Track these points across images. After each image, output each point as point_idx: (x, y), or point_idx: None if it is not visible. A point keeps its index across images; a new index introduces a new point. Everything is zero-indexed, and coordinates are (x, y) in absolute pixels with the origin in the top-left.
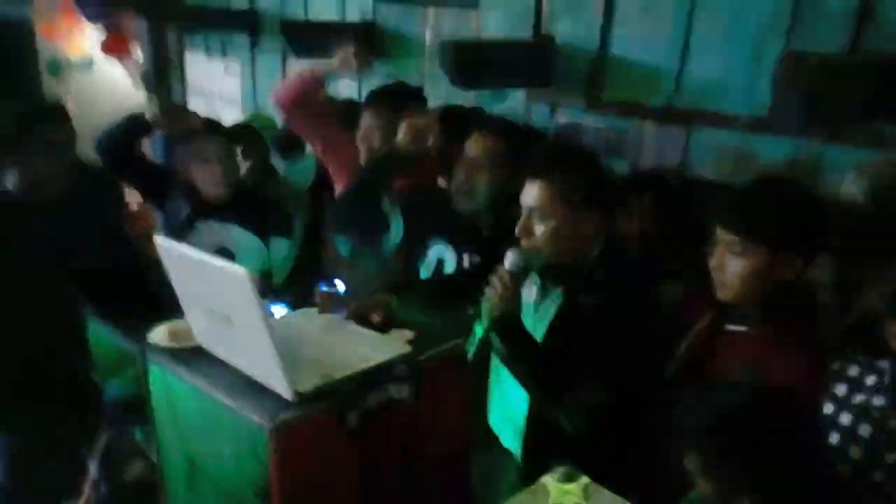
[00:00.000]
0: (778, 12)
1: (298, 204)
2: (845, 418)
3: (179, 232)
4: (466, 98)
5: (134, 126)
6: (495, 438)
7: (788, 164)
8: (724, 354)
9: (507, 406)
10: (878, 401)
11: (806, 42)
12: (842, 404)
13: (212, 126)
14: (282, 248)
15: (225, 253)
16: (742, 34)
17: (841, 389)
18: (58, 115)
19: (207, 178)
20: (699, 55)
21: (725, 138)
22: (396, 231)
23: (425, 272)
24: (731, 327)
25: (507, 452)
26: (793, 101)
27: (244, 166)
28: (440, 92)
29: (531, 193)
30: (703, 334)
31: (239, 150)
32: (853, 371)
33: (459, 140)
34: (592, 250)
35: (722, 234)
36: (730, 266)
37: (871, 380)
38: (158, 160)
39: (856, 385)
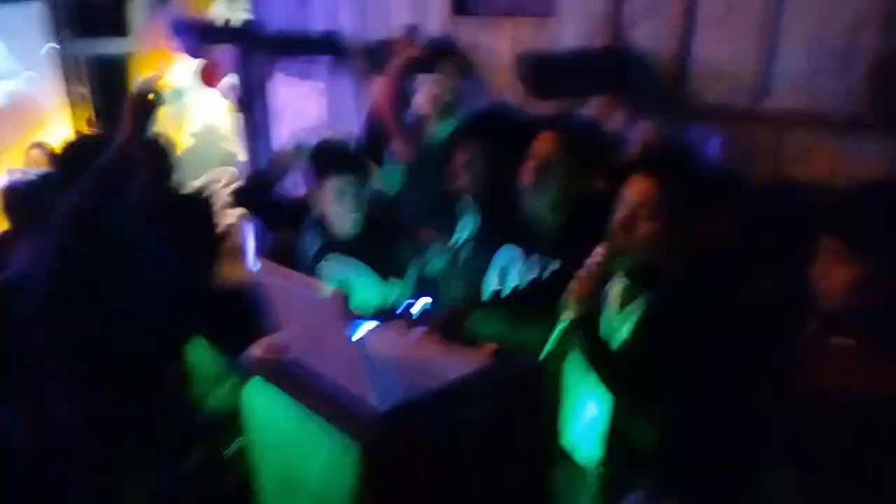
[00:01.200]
0: (871, 5)
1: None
2: None
3: (310, 265)
4: (547, 107)
5: (263, 179)
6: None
7: (889, 164)
8: (827, 368)
9: (588, 421)
10: None
11: None
12: None
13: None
14: (396, 288)
15: (345, 287)
16: (833, 29)
17: None
18: (158, 145)
19: (339, 216)
20: (787, 53)
21: (819, 139)
22: (468, 229)
23: (493, 280)
24: (837, 340)
25: (582, 469)
26: (888, 99)
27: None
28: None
29: (641, 190)
30: (805, 346)
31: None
32: None
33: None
34: (686, 257)
35: (827, 241)
36: (834, 275)
37: None
38: (294, 192)
39: None
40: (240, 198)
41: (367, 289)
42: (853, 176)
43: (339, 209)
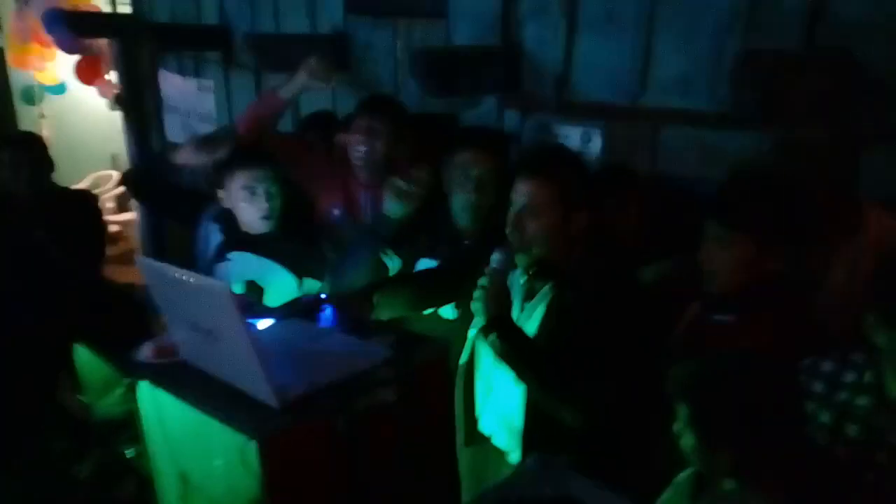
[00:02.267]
0: (734, 12)
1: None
2: (825, 417)
3: (209, 261)
4: (438, 106)
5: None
6: (486, 439)
7: (753, 157)
8: (711, 345)
9: (501, 405)
10: (861, 400)
11: (762, 40)
12: (821, 402)
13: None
14: (312, 289)
15: (254, 287)
16: (701, 33)
17: (818, 387)
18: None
19: (252, 212)
20: (661, 55)
21: (691, 135)
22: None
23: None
24: (717, 317)
25: (499, 452)
26: (750, 97)
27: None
28: (413, 101)
29: (526, 190)
30: (691, 325)
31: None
32: (827, 366)
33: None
34: (580, 248)
35: (709, 227)
36: (718, 258)
37: (850, 377)
38: (188, 182)
39: (834, 382)
40: (128, 181)
41: (282, 288)
42: (722, 168)
43: (247, 205)
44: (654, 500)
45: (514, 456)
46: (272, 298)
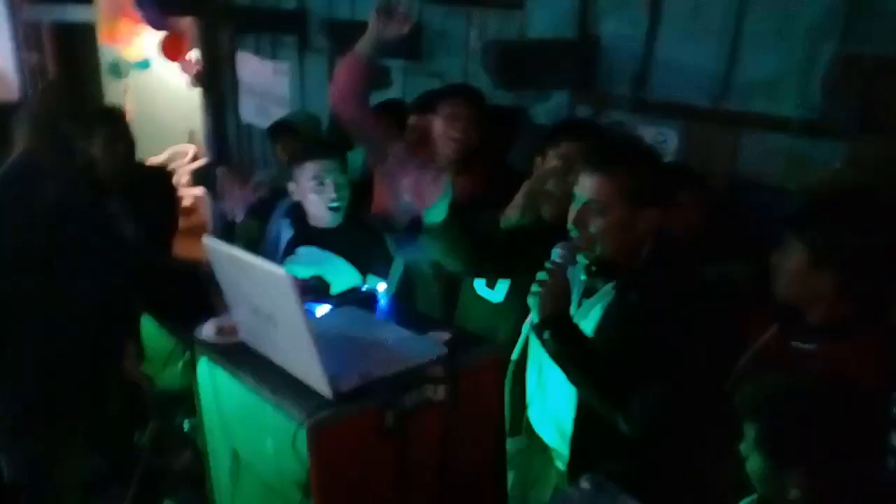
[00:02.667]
0: (832, 12)
1: None
2: None
3: (280, 254)
4: (508, 98)
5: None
6: (537, 437)
7: (840, 169)
8: (790, 370)
9: (552, 406)
10: None
11: (861, 44)
12: None
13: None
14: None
15: (320, 282)
16: (794, 35)
17: None
18: (115, 116)
19: (321, 203)
20: (749, 56)
21: (776, 141)
22: None
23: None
24: (799, 344)
25: (546, 451)
26: (847, 104)
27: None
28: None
29: (591, 185)
30: (767, 349)
31: None
32: None
33: (502, 141)
34: (645, 247)
35: (794, 246)
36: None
37: None
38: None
39: None
40: (200, 179)
41: (346, 284)
42: (805, 178)
43: (316, 196)
44: None
45: (562, 461)
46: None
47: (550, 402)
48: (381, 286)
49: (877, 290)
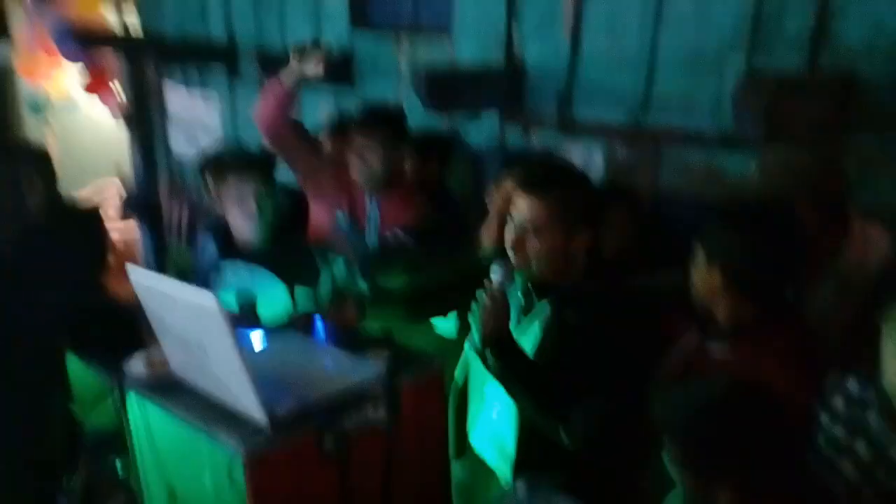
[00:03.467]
0: (738, 32)
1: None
2: (839, 431)
3: (206, 271)
4: (441, 121)
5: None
6: (477, 458)
7: (756, 176)
8: (707, 370)
9: (493, 424)
10: (871, 415)
11: (766, 59)
12: (836, 418)
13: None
14: (305, 298)
15: (247, 296)
16: (705, 52)
17: (838, 403)
18: (38, 156)
19: (242, 219)
20: (665, 73)
21: (694, 156)
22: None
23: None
24: (712, 345)
25: (489, 471)
26: (754, 118)
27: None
28: (415, 115)
29: (526, 209)
30: (687, 352)
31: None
32: (852, 385)
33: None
34: (579, 266)
35: (698, 252)
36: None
37: (869, 394)
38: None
39: (852, 399)
40: (129, 206)
41: (272, 299)
42: (723, 188)
43: (240, 214)
44: None
45: (505, 477)
46: (264, 307)
47: (491, 420)
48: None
49: (773, 292)
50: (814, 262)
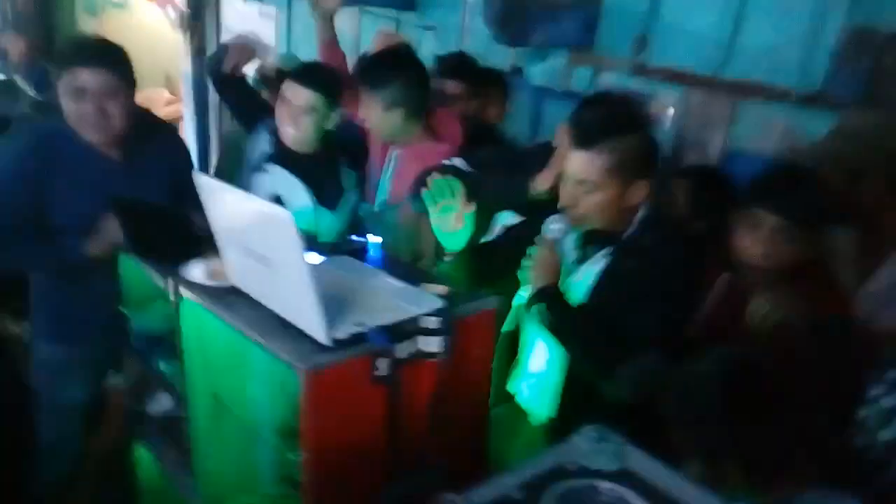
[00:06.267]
0: None
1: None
2: (890, 401)
3: (251, 169)
4: (506, 56)
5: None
6: (517, 405)
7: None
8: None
9: (541, 377)
10: None
11: (869, 19)
12: (871, 406)
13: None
14: (326, 218)
15: (277, 203)
16: (800, 6)
17: (879, 390)
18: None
19: (290, 130)
20: (753, 25)
21: (774, 112)
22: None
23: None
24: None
25: (524, 414)
26: (856, 77)
27: None
28: (479, 47)
29: (580, 165)
30: (722, 298)
31: None
32: (891, 374)
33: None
34: (636, 217)
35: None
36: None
37: None
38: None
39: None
40: (211, 68)
41: (298, 209)
42: (795, 150)
43: (289, 122)
44: None
45: (542, 414)
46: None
47: (539, 374)
48: (372, 238)
49: (814, 239)
50: (880, 242)
